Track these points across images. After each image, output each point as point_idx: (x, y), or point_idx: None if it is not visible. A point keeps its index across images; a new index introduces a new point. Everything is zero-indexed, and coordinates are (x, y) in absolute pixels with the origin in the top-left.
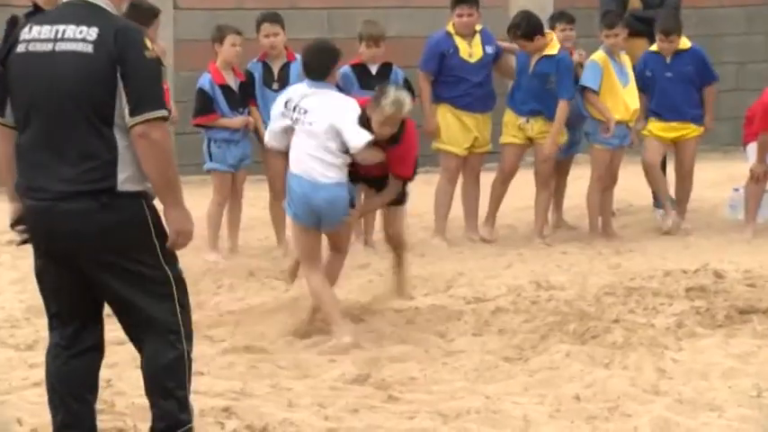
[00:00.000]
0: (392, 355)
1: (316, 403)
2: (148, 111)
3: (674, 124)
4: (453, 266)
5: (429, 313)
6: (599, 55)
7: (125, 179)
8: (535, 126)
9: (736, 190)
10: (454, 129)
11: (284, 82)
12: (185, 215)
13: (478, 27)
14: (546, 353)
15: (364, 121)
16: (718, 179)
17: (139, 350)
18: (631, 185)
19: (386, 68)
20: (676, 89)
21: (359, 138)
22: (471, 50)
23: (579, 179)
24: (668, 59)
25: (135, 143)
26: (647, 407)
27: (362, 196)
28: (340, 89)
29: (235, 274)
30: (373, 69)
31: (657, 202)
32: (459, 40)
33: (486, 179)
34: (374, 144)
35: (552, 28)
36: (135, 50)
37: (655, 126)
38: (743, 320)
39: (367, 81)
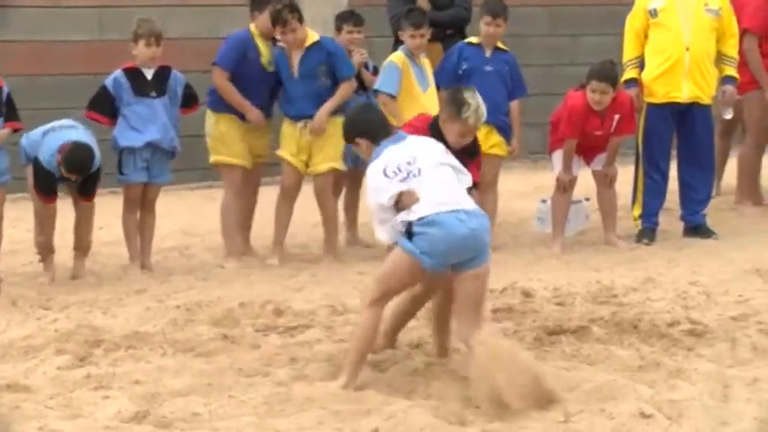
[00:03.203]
0: (173, 389)
1: None
2: None
3: (483, 130)
4: (240, 291)
5: (210, 342)
6: (398, 56)
7: None
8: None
9: (544, 201)
10: (236, 140)
11: None
12: None
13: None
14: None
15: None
16: (525, 190)
17: None
18: None
19: (163, 72)
20: (494, 86)
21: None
22: (271, 57)
23: None
24: (488, 52)
25: None
26: None
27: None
28: (111, 96)
29: None
30: (149, 74)
31: None
32: (261, 44)
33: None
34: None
35: (338, 29)
36: None
37: None
38: (551, 342)
39: (141, 86)
